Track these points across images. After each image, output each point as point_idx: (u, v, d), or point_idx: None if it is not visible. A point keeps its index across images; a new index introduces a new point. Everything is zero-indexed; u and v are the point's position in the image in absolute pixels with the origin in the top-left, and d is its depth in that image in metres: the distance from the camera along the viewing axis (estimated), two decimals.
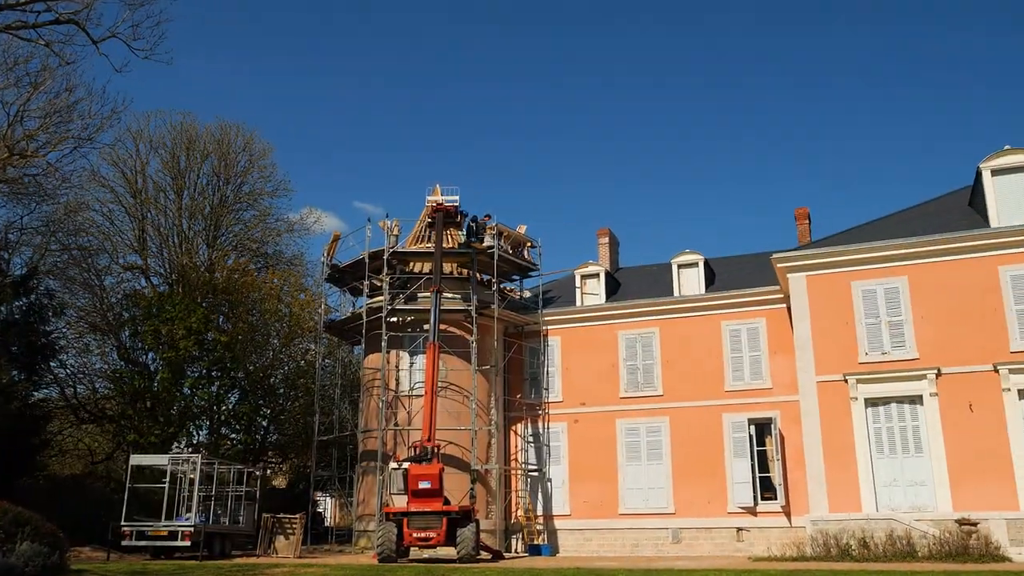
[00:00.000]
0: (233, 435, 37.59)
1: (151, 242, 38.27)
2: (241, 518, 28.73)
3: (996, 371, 23.50)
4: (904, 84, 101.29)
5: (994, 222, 24.81)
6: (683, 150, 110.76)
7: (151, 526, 25.42)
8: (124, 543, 25.10)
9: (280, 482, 48.68)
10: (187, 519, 25.99)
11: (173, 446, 33.66)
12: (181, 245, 38.36)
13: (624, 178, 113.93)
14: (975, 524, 21.68)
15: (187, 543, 24.78)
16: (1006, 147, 25.30)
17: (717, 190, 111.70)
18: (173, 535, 24.93)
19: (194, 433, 36.32)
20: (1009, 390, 23.28)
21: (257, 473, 33.83)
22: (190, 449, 33.69)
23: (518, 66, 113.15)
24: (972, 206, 26.74)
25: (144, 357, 35.61)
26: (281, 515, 27.43)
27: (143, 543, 25.21)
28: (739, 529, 27.68)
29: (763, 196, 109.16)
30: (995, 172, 25.25)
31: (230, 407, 36.83)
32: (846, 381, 24.82)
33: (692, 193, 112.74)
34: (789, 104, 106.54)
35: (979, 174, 25.68)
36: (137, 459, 27.58)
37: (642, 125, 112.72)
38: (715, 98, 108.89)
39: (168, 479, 27.19)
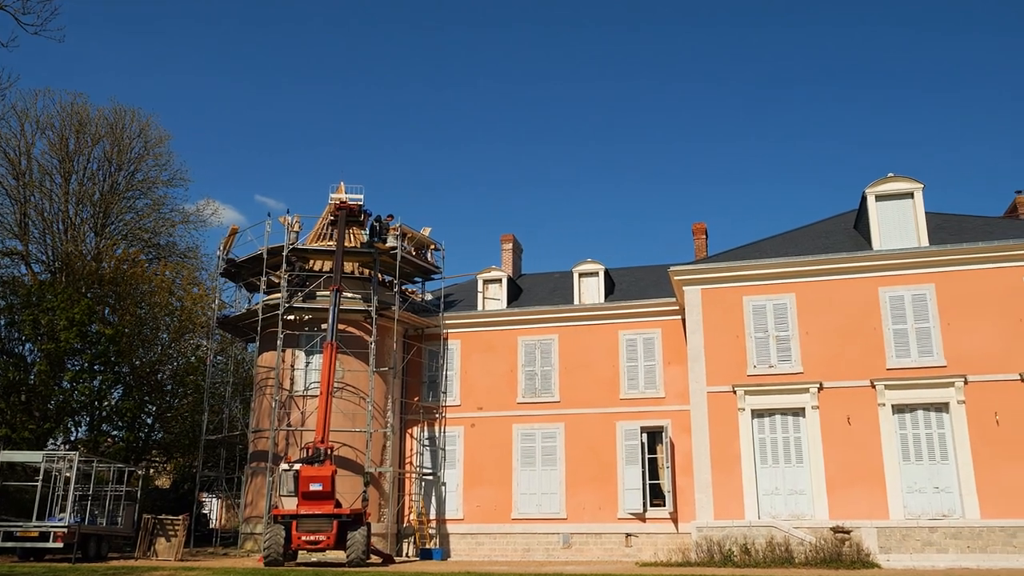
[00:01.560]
0: (115, 432, 36.04)
1: (33, 227, 36.39)
2: (120, 519, 27.64)
3: (873, 387, 24.73)
4: (806, 97, 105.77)
5: (876, 245, 26.13)
6: (588, 159, 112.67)
7: (20, 526, 24.11)
8: None
9: (164, 482, 47.02)
10: (60, 519, 24.77)
11: (49, 442, 32.11)
12: (66, 232, 36.60)
13: (529, 185, 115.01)
14: (848, 532, 22.78)
15: (59, 544, 23.62)
16: (890, 174, 26.71)
17: (620, 200, 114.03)
18: (44, 536, 23.70)
19: (72, 429, 34.68)
20: (884, 405, 24.54)
21: (139, 472, 32.53)
22: (67, 446, 32.17)
23: (426, 68, 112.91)
24: (857, 229, 28.10)
25: (21, 348, 33.80)
26: (163, 516, 26.48)
27: (11, 544, 23.91)
28: (628, 535, 28.22)
29: (664, 208, 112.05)
30: (879, 198, 26.61)
31: (113, 403, 35.29)
32: (735, 392, 25.66)
33: (595, 202, 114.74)
34: (695, 115, 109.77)
35: (864, 199, 27.00)
36: (8, 455, 26.20)
37: (550, 132, 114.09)
38: (622, 105, 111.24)
39: (42, 477, 25.88)
